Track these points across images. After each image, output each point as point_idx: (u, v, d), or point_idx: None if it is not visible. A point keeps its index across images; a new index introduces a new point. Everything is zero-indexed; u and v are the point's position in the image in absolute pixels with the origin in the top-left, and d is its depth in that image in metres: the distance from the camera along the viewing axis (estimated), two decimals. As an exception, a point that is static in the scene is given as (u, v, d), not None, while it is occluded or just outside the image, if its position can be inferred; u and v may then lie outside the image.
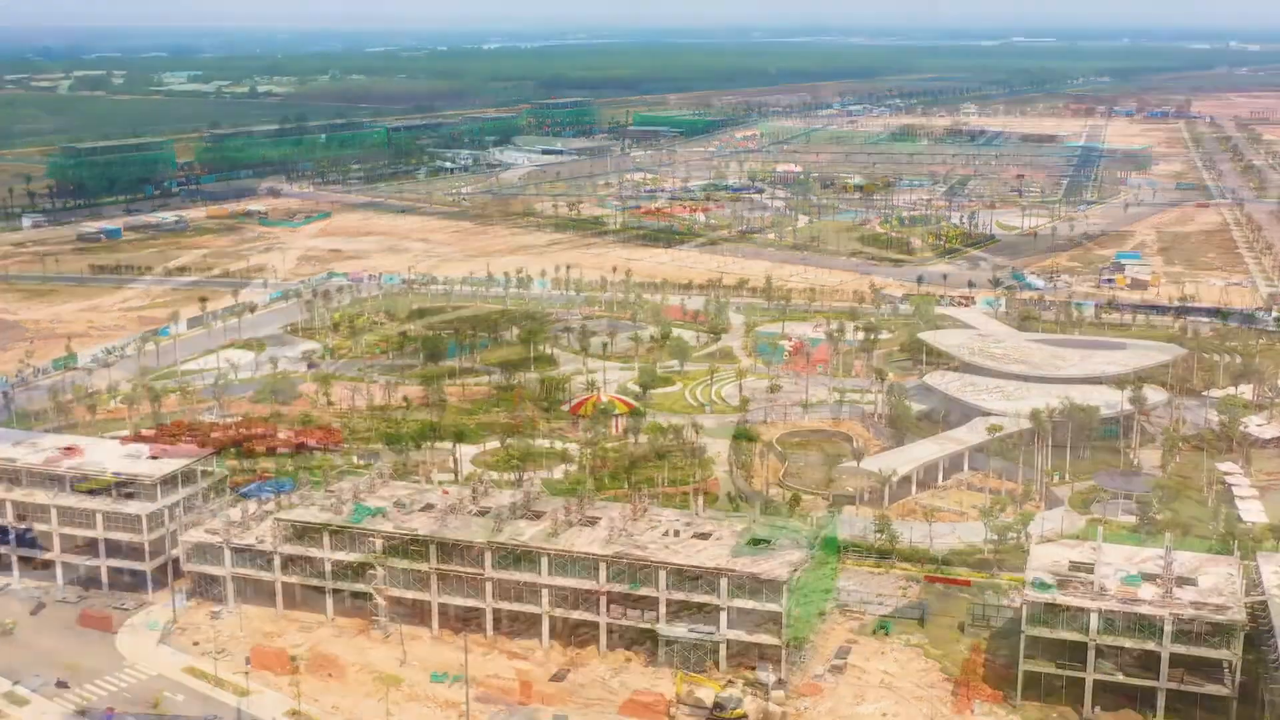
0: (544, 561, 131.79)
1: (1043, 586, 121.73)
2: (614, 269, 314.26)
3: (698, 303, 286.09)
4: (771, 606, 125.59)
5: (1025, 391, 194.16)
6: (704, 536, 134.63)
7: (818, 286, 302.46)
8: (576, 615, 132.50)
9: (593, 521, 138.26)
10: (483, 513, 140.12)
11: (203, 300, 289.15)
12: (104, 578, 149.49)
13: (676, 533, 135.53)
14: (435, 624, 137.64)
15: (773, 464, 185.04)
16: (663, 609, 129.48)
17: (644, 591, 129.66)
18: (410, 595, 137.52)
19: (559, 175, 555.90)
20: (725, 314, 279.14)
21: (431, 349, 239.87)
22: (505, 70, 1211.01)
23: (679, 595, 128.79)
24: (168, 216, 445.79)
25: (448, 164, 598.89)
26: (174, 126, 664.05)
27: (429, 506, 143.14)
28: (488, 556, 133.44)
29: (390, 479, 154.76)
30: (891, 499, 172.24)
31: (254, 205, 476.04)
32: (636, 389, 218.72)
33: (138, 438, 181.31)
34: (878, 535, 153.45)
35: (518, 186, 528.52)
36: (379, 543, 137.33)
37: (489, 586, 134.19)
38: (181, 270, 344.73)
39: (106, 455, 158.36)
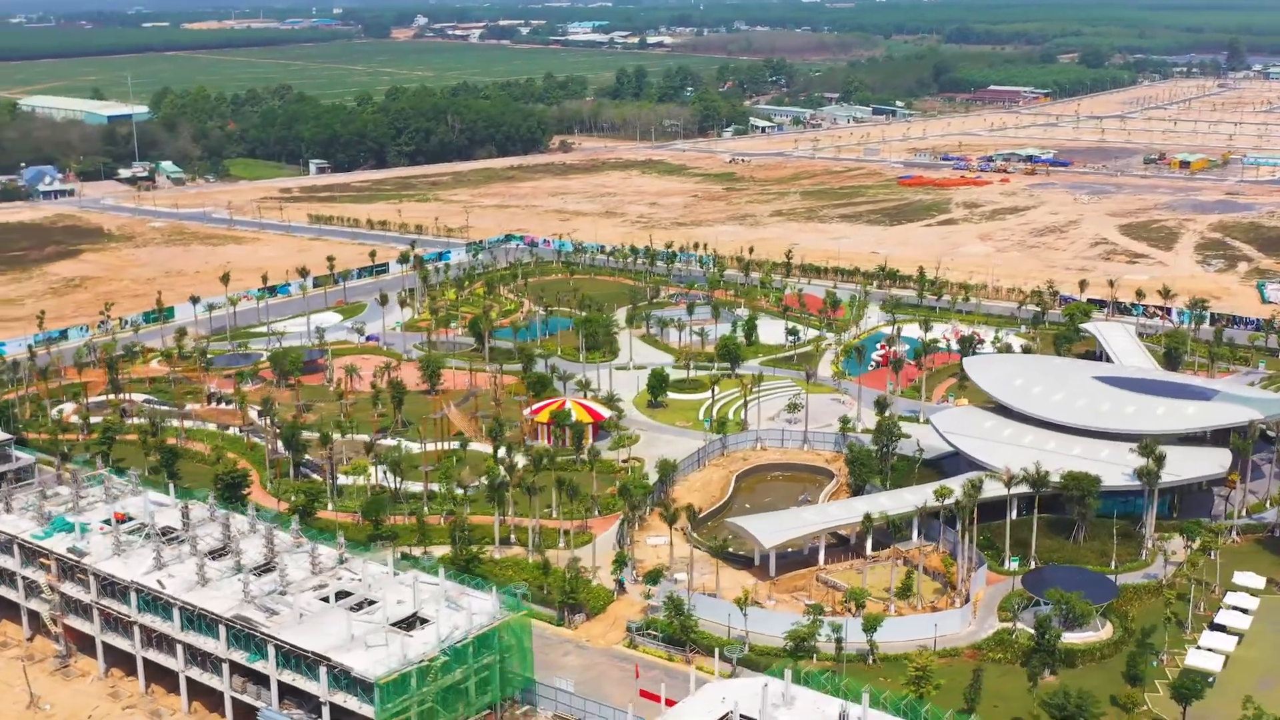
0: (175, 613, 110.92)
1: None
2: (790, 248, 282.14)
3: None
4: (366, 711, 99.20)
5: (1053, 444, 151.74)
6: (367, 604, 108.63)
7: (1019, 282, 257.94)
8: (205, 680, 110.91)
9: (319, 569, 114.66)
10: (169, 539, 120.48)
11: (371, 254, 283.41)
12: None
13: (347, 594, 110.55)
14: (102, 663, 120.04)
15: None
16: (274, 691, 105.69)
17: (258, 666, 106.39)
18: (77, 627, 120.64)
19: (864, 139, 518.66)
20: (863, 308, 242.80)
21: (477, 331, 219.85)
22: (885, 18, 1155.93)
23: (287, 677, 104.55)
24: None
25: (764, 123, 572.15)
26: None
27: (166, 530, 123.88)
28: (132, 597, 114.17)
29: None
30: (800, 564, 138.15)
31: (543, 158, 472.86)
32: (638, 394, 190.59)
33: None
34: (672, 616, 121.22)
35: (808, 150, 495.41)
36: (53, 564, 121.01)
37: (137, 631, 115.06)
38: (382, 224, 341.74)
39: None
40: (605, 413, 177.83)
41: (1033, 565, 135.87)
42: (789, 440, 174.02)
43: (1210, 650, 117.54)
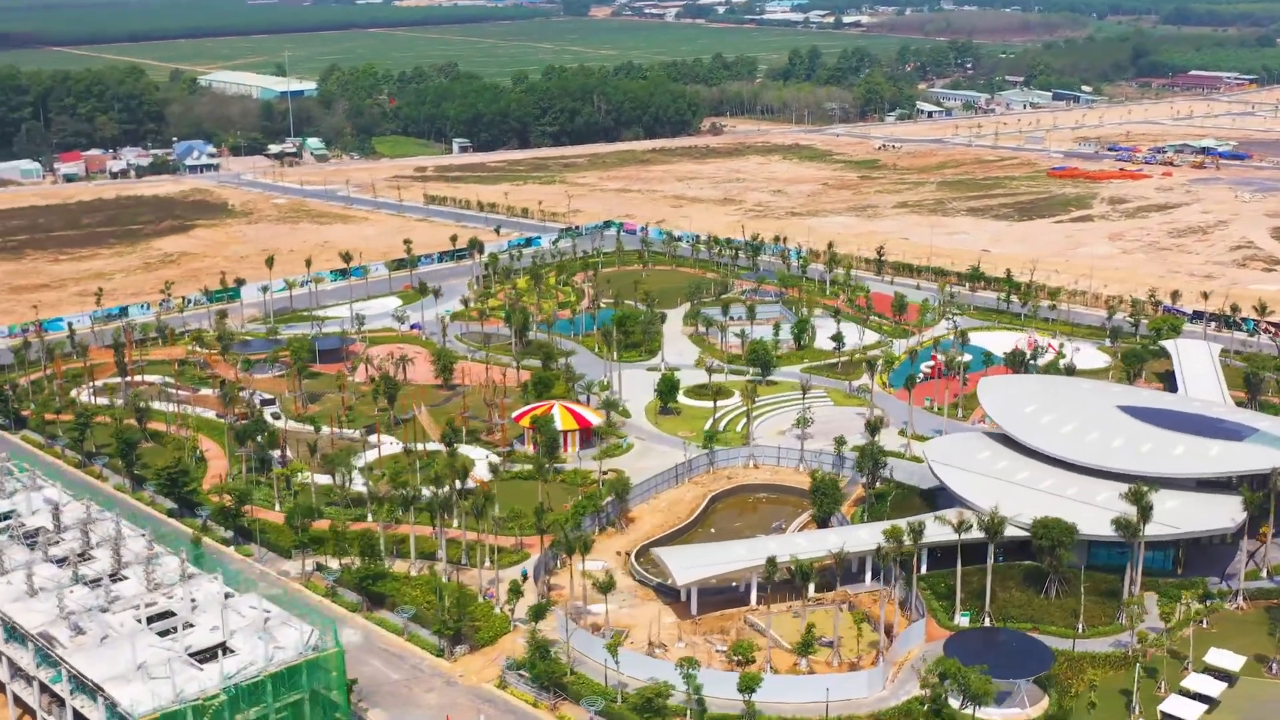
0: None
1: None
2: (881, 245, 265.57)
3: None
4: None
5: (1049, 481, 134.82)
6: (183, 628, 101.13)
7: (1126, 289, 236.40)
8: (26, 696, 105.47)
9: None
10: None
11: (452, 239, 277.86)
12: None
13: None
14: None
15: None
16: (69, 715, 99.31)
17: (58, 688, 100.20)
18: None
19: (1034, 125, 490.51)
20: (941, 312, 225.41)
21: (522, 321, 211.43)
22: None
23: (79, 703, 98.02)
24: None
25: (931, 107, 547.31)
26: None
27: (33, 532, 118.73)
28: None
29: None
30: (732, 602, 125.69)
31: (688, 141, 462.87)
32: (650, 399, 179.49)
33: None
34: (535, 657, 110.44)
35: (966, 137, 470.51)
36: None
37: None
38: (491, 206, 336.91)
39: None
40: (594, 419, 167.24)
41: (986, 621, 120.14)
42: (786, 459, 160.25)
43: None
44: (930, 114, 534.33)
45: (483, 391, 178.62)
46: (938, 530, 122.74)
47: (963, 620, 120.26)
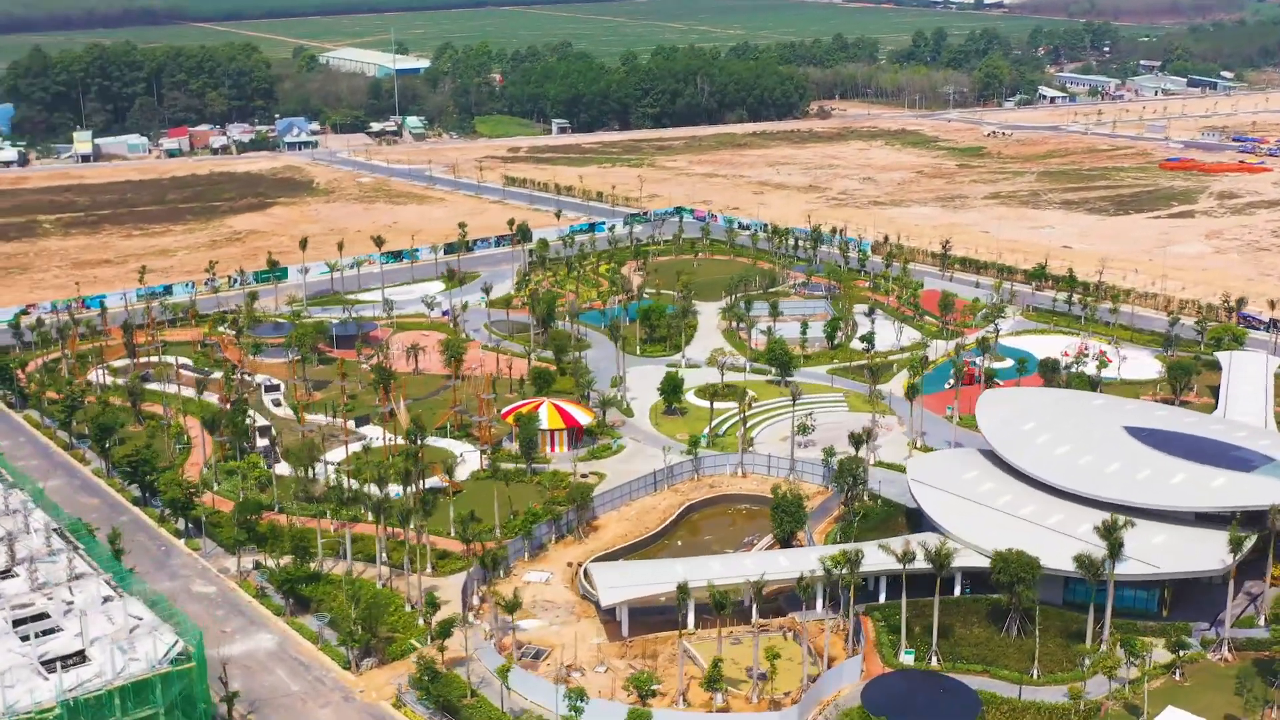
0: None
1: None
2: (946, 239, 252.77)
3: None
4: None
5: (1030, 508, 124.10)
6: (53, 633, 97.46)
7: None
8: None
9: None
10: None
11: (510, 223, 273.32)
12: None
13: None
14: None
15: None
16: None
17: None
18: None
19: (1160, 113, 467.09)
20: (997, 312, 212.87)
21: (544, 311, 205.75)
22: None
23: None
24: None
25: (1054, 93, 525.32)
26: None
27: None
28: None
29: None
30: (669, 624, 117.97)
31: (793, 124, 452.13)
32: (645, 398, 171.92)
33: None
34: (424, 678, 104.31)
35: (1083, 124, 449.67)
36: None
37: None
38: (568, 189, 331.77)
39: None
40: (584, 419, 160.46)
41: (932, 661, 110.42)
42: (778, 468, 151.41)
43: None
44: (1052, 99, 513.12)
45: (474, 385, 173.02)
46: (879, 559, 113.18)
47: (907, 658, 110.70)
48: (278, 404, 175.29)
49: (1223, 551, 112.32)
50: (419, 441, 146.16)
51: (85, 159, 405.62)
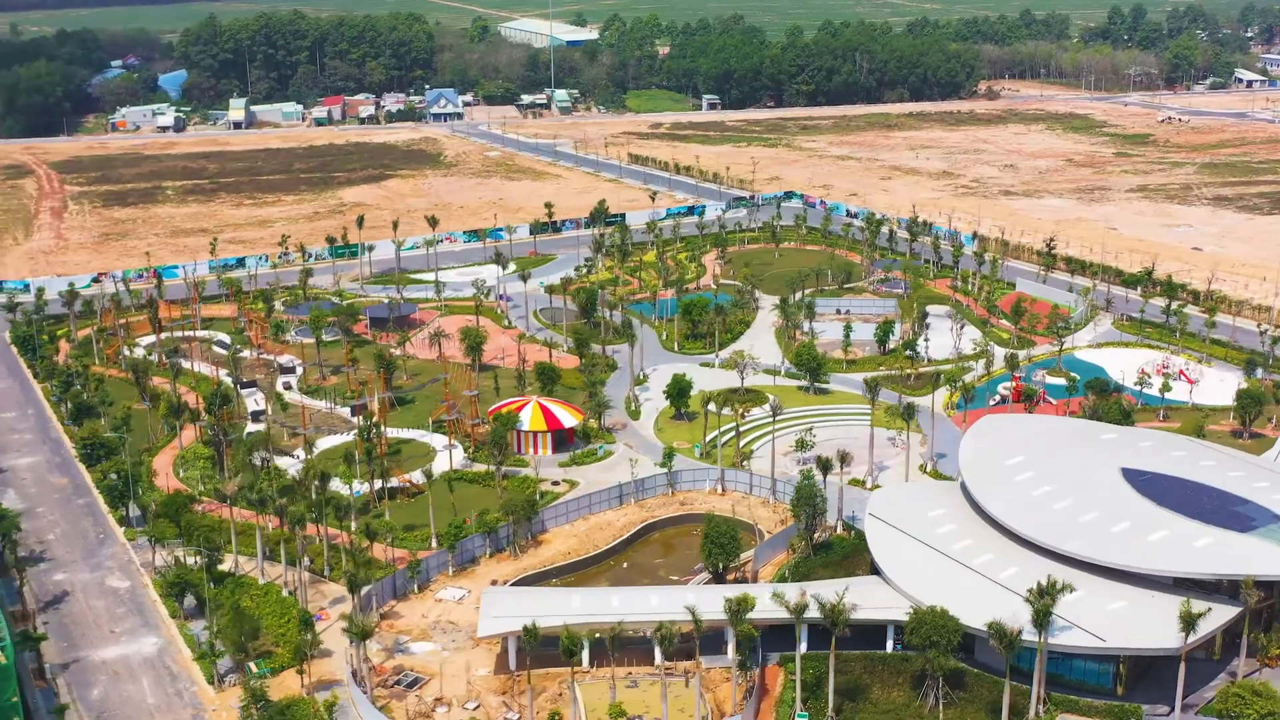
0: None
1: None
2: (1052, 237, 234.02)
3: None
4: None
5: (986, 557, 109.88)
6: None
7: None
8: None
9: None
10: None
11: (600, 203, 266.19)
12: None
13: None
14: None
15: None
16: None
17: None
18: None
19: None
20: (1089, 319, 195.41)
21: (588, 300, 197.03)
22: None
23: None
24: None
25: (1253, 76, 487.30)
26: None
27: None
28: None
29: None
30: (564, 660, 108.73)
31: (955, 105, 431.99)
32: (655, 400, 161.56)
33: None
34: (260, 705, 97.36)
35: (1272, 113, 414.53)
36: None
37: None
38: (686, 169, 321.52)
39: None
40: (570, 421, 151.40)
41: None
42: (760, 486, 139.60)
43: None
44: (1249, 84, 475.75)
45: (462, 379, 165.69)
46: (769, 608, 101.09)
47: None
48: (288, 387, 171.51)
49: (1173, 631, 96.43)
50: (371, 437, 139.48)
51: (237, 126, 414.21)
